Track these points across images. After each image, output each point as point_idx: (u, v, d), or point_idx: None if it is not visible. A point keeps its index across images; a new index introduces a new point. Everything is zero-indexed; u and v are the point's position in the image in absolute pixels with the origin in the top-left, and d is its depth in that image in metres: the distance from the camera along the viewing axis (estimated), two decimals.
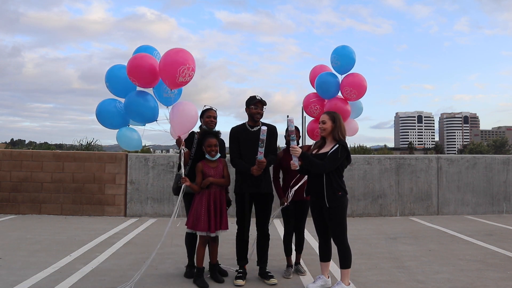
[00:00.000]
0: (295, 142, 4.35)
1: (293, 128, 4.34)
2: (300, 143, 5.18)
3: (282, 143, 5.03)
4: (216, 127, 4.90)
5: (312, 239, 6.47)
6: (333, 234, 4.27)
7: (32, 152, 9.12)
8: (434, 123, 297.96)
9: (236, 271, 4.68)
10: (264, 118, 4.73)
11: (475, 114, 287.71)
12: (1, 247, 5.96)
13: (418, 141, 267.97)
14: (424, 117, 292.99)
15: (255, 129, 4.64)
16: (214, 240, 4.63)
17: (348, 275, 4.24)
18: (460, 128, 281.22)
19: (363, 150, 51.27)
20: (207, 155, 4.57)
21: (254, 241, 4.77)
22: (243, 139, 4.63)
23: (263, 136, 4.33)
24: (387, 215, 9.16)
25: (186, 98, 4.71)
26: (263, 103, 4.62)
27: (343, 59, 5.01)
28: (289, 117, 4.37)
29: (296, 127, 4.88)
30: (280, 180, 5.06)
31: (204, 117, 4.87)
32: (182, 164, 4.53)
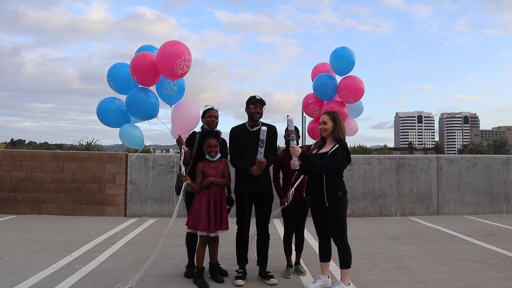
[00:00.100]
0: (294, 142, 4.35)
1: (292, 128, 4.34)
2: (300, 143, 5.17)
3: (282, 143, 5.03)
4: (217, 126, 4.91)
5: (312, 239, 6.46)
6: (333, 234, 4.26)
7: (32, 152, 9.12)
8: (434, 123, 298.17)
9: (236, 271, 4.68)
10: (264, 118, 4.74)
11: (475, 114, 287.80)
12: (1, 247, 5.96)
13: (418, 141, 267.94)
14: (424, 117, 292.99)
15: (255, 129, 4.64)
16: (214, 240, 4.63)
17: (348, 275, 4.24)
18: (460, 128, 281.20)
19: (363, 150, 51.26)
20: (207, 155, 4.57)
21: (253, 234, 4.75)
22: (243, 139, 4.62)
23: (263, 136, 4.33)
24: (387, 215, 9.15)
25: (185, 98, 4.72)
26: (262, 102, 4.62)
27: (341, 60, 4.96)
28: (288, 117, 4.36)
29: (296, 127, 4.87)
30: (280, 180, 5.06)
31: (205, 117, 4.87)
32: (181, 163, 4.53)
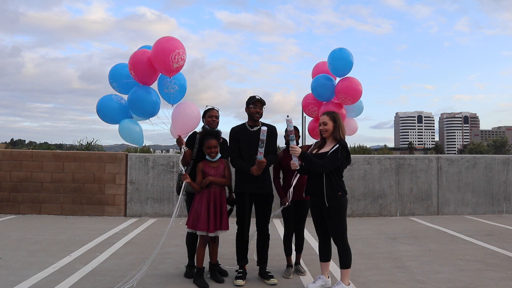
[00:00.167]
0: (294, 142, 4.35)
1: (291, 128, 4.34)
2: (300, 143, 5.17)
3: (282, 143, 5.03)
4: (218, 126, 4.91)
5: (312, 239, 6.46)
6: (332, 234, 4.26)
7: (32, 152, 9.12)
8: (434, 123, 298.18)
9: (236, 271, 4.68)
10: (264, 118, 4.74)
11: (475, 114, 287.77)
12: (1, 247, 5.96)
13: (418, 141, 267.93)
14: (424, 117, 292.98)
15: (255, 129, 4.64)
16: (214, 240, 4.63)
17: (348, 275, 4.24)
18: (460, 128, 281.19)
19: (363, 150, 51.26)
20: (207, 156, 4.57)
21: (253, 234, 4.74)
22: (243, 139, 4.62)
23: (263, 136, 4.33)
24: (387, 215, 9.15)
25: (186, 98, 4.71)
26: (262, 102, 4.61)
27: (338, 61, 4.91)
28: (288, 117, 4.36)
29: (296, 127, 4.88)
30: (280, 180, 5.06)
31: (206, 117, 4.88)
32: (180, 163, 4.54)
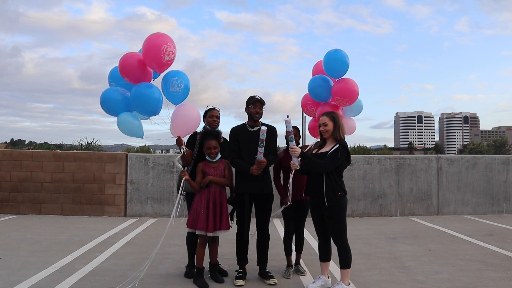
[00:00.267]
0: (293, 143, 4.36)
1: (290, 128, 4.34)
2: (300, 143, 5.17)
3: (282, 143, 5.03)
4: (218, 126, 4.91)
5: (312, 239, 6.46)
6: (332, 234, 4.26)
7: (32, 152, 9.12)
8: (434, 123, 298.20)
9: (236, 271, 4.68)
10: (264, 118, 4.74)
11: (475, 114, 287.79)
12: (1, 247, 5.96)
13: (418, 141, 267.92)
14: (424, 117, 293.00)
15: (254, 129, 4.64)
16: (214, 240, 4.63)
17: (348, 275, 4.24)
18: (460, 128, 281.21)
19: (363, 150, 51.23)
20: (207, 156, 4.57)
21: (253, 234, 4.75)
22: (243, 139, 4.62)
23: (263, 136, 4.33)
24: (387, 215, 9.15)
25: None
26: (262, 102, 4.61)
27: (334, 63, 4.87)
28: (288, 117, 4.36)
29: (296, 127, 4.89)
30: (281, 180, 5.05)
31: (207, 117, 4.88)
32: (176, 161, 4.56)
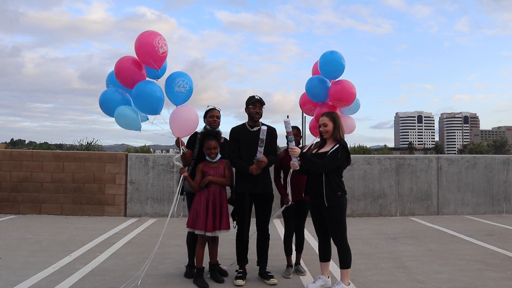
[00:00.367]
0: (293, 143, 4.36)
1: (290, 129, 4.35)
2: (301, 143, 5.17)
3: (283, 143, 5.04)
4: (219, 126, 4.91)
5: (312, 239, 6.46)
6: (332, 234, 4.27)
7: (32, 152, 9.12)
8: (434, 123, 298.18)
9: (236, 271, 4.68)
10: (264, 118, 4.74)
11: (475, 114, 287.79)
12: (1, 247, 5.96)
13: (418, 141, 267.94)
14: (424, 117, 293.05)
15: (254, 129, 4.64)
16: (214, 240, 4.63)
17: (348, 275, 4.24)
18: (460, 128, 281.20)
19: (363, 150, 51.28)
20: (207, 157, 4.57)
21: (253, 234, 4.74)
22: (243, 139, 4.62)
23: (263, 135, 4.33)
24: (387, 215, 9.15)
25: None
26: (262, 102, 4.61)
27: (330, 65, 4.83)
28: (287, 118, 4.37)
29: (297, 127, 4.89)
30: (281, 180, 5.05)
31: (207, 117, 4.88)
32: (174, 160, 4.56)
